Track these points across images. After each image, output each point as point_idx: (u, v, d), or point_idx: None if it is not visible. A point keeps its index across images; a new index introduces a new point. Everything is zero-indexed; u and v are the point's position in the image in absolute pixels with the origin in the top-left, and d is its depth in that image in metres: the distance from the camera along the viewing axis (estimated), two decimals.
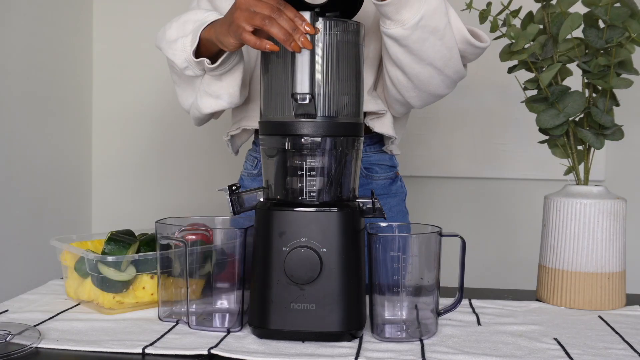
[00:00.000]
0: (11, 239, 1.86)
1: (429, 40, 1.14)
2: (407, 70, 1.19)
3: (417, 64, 1.17)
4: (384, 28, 1.14)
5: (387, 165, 1.41)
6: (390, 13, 1.11)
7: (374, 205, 0.96)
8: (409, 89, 1.23)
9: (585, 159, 1.19)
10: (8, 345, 0.86)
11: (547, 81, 1.13)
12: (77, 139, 2.24)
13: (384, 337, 0.93)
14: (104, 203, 2.34)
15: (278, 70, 0.95)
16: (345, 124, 0.95)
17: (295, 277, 0.90)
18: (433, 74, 1.19)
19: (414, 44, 1.14)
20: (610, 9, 1.11)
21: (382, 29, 1.15)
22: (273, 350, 0.88)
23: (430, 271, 0.94)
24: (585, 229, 1.12)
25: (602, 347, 0.92)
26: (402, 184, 1.46)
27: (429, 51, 1.15)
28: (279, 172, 0.96)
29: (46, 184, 2.04)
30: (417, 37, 1.13)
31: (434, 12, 1.12)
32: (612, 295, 1.13)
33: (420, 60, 1.17)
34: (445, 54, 1.17)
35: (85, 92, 2.28)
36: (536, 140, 1.28)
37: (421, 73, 1.19)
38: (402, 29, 1.12)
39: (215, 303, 0.99)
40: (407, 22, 1.11)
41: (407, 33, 1.12)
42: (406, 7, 1.10)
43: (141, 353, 0.86)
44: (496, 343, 0.92)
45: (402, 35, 1.13)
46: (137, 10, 2.28)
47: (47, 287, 1.20)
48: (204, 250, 0.98)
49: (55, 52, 2.07)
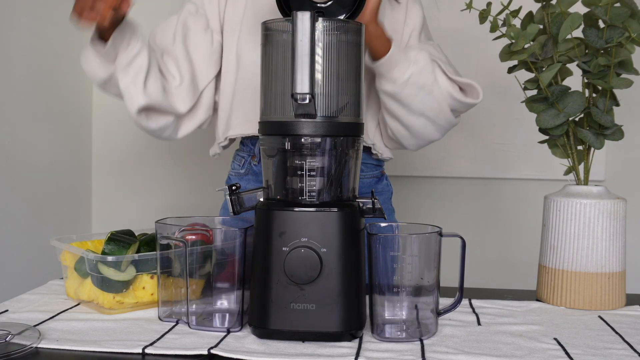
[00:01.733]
0: (11, 239, 1.86)
1: (418, 95, 1.27)
2: (403, 121, 1.31)
3: (411, 116, 1.30)
4: (379, 85, 1.29)
5: (372, 164, 1.44)
6: (383, 72, 1.26)
7: (374, 205, 0.96)
8: (407, 138, 1.35)
9: (585, 159, 1.19)
10: (8, 345, 0.86)
11: (547, 81, 1.13)
12: (77, 139, 2.24)
13: (384, 337, 0.93)
14: (104, 203, 2.34)
15: (278, 70, 0.95)
16: (345, 124, 0.95)
17: (295, 277, 0.90)
18: (426, 124, 1.31)
19: (406, 99, 1.27)
20: (610, 9, 1.11)
21: (378, 85, 1.29)
22: (273, 350, 0.88)
23: (430, 271, 0.94)
24: (585, 229, 1.12)
25: (602, 347, 0.92)
26: (387, 183, 1.48)
27: (419, 105, 1.28)
28: (279, 172, 0.95)
29: (46, 184, 2.04)
30: (408, 93, 1.26)
31: (420, 72, 1.25)
32: (612, 295, 1.13)
33: (412, 112, 1.29)
34: (435, 106, 1.29)
35: (85, 92, 2.28)
36: (536, 140, 1.28)
37: (415, 123, 1.31)
38: (394, 85, 1.26)
39: (215, 303, 0.99)
40: (398, 79, 1.25)
41: (399, 89, 1.26)
42: (397, 66, 1.24)
43: (141, 353, 0.86)
44: (496, 343, 0.92)
45: (394, 90, 1.27)
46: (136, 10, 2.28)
47: (47, 287, 1.20)
48: (204, 250, 0.98)
49: (55, 52, 2.07)
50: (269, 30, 0.97)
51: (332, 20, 0.94)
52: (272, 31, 0.96)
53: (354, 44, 0.96)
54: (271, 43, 0.96)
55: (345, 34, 0.95)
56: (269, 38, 0.96)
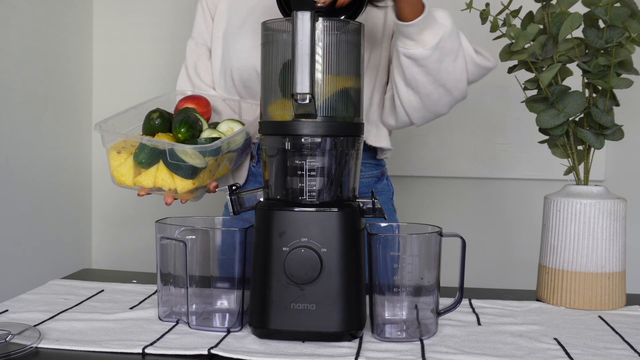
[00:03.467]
0: (11, 239, 1.86)
1: (445, 61, 1.20)
2: (420, 90, 1.24)
3: (431, 85, 1.24)
4: (405, 49, 1.19)
5: (372, 163, 1.44)
6: (413, 34, 1.17)
7: (374, 205, 0.96)
8: (418, 109, 1.29)
9: (585, 159, 1.19)
10: (8, 345, 0.86)
11: (547, 81, 1.13)
12: (77, 139, 2.24)
13: (384, 337, 0.93)
14: (104, 203, 2.34)
15: (278, 70, 0.95)
16: (345, 124, 0.95)
17: (296, 277, 0.90)
18: (442, 95, 1.26)
19: (433, 64, 1.20)
20: (610, 9, 1.11)
21: (402, 49, 1.19)
22: (273, 350, 0.88)
23: (430, 271, 0.94)
24: (585, 229, 1.12)
25: (602, 347, 0.92)
26: (388, 182, 1.48)
27: (443, 72, 1.22)
28: (279, 172, 0.95)
29: (46, 184, 2.04)
30: (436, 58, 1.19)
31: (450, 35, 1.19)
32: (612, 295, 1.13)
33: (434, 81, 1.23)
34: (457, 75, 1.24)
35: (85, 92, 2.28)
36: (536, 140, 1.28)
37: (433, 93, 1.25)
38: (423, 49, 1.18)
39: (215, 303, 0.99)
40: (428, 43, 1.17)
41: (428, 53, 1.18)
42: (427, 28, 1.16)
43: (141, 353, 0.86)
44: (496, 343, 0.92)
45: (423, 55, 1.18)
46: (136, 10, 2.28)
47: (47, 287, 1.19)
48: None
49: (55, 52, 2.07)
50: (269, 30, 0.97)
51: (332, 20, 0.94)
52: (272, 31, 0.96)
53: (354, 44, 0.96)
54: (271, 43, 0.96)
55: (345, 34, 0.95)
56: (269, 38, 0.96)
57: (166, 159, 1.12)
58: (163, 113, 1.21)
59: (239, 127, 1.22)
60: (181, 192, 1.14)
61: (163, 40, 2.26)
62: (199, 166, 1.12)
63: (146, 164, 1.14)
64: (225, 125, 1.22)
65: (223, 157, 1.17)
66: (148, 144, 1.12)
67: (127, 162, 1.15)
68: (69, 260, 2.15)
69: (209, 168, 1.14)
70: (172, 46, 2.23)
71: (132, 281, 1.25)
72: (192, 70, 1.43)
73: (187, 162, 1.10)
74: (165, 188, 1.14)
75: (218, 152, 1.12)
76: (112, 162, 1.16)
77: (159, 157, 1.13)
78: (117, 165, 1.15)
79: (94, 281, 1.24)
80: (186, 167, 1.12)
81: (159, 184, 1.14)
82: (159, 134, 1.19)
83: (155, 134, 1.19)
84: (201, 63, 1.43)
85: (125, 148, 1.15)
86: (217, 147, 1.11)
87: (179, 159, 1.10)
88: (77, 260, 2.22)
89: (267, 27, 0.97)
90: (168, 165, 1.12)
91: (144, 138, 1.13)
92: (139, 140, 1.13)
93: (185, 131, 1.15)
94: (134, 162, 1.15)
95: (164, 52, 2.26)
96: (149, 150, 1.13)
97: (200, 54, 1.44)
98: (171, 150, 1.10)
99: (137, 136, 1.14)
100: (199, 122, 1.19)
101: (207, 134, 1.17)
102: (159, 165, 1.14)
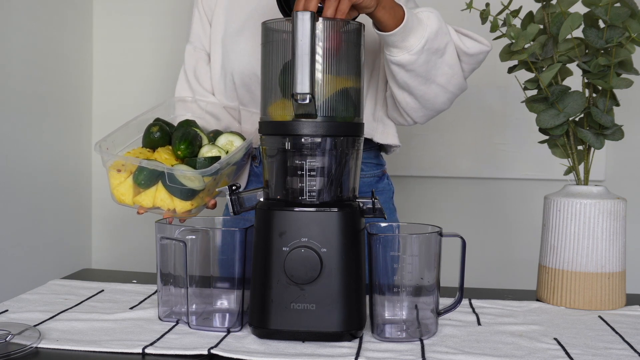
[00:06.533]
0: (11, 239, 1.86)
1: (431, 60, 1.18)
2: (414, 92, 1.24)
3: (423, 85, 1.22)
4: (390, 56, 1.18)
5: (373, 163, 1.43)
6: (396, 42, 1.15)
7: (374, 205, 0.96)
8: (417, 110, 1.29)
9: (585, 159, 1.19)
10: (8, 345, 0.86)
11: (547, 81, 1.13)
12: (77, 139, 2.24)
13: (384, 337, 0.93)
14: (104, 203, 2.34)
15: (278, 70, 0.95)
16: (345, 124, 0.95)
17: (296, 277, 0.90)
18: (438, 92, 1.24)
19: (420, 67, 1.18)
20: (610, 9, 1.11)
21: (388, 57, 1.18)
22: (273, 350, 0.88)
23: (430, 271, 0.94)
24: (585, 229, 1.12)
25: (602, 347, 0.92)
26: (389, 182, 1.48)
27: (432, 71, 1.20)
28: (279, 172, 0.95)
29: (46, 184, 2.04)
30: (424, 60, 1.18)
31: (436, 34, 1.17)
32: (612, 295, 1.13)
33: (425, 81, 1.21)
34: (448, 70, 1.21)
35: (85, 92, 2.28)
36: (536, 140, 1.28)
37: (427, 93, 1.24)
38: (408, 54, 1.16)
39: (215, 303, 0.99)
40: (414, 47, 1.15)
41: (414, 58, 1.17)
42: (412, 33, 1.14)
43: (141, 353, 0.86)
44: (496, 343, 0.92)
45: (409, 60, 1.17)
46: (136, 10, 2.28)
47: (47, 287, 1.19)
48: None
49: (55, 52, 2.07)
50: (269, 30, 0.97)
51: (332, 20, 0.94)
52: (272, 31, 0.96)
53: (354, 44, 0.96)
54: (271, 43, 0.96)
55: (345, 34, 0.95)
56: (269, 38, 0.96)
57: (165, 181, 1.12)
58: (163, 127, 1.21)
59: (238, 140, 1.22)
60: (180, 212, 1.15)
61: (163, 40, 2.26)
62: (198, 188, 1.13)
63: (145, 185, 1.14)
64: (225, 139, 1.22)
65: (222, 174, 1.18)
66: (147, 167, 1.12)
67: (127, 182, 1.15)
68: (69, 260, 2.15)
69: (207, 188, 1.15)
70: (172, 46, 2.23)
71: (132, 281, 1.25)
72: (191, 76, 1.43)
73: (186, 185, 1.11)
74: (164, 208, 1.14)
75: (217, 173, 1.12)
76: (112, 180, 1.16)
77: (158, 178, 1.14)
78: (117, 184, 1.15)
79: (94, 281, 1.24)
80: (185, 189, 1.13)
81: (158, 204, 1.15)
82: (159, 149, 1.19)
83: (156, 147, 1.19)
84: (200, 68, 1.43)
85: (125, 166, 1.15)
86: (216, 169, 1.12)
87: (178, 182, 1.11)
88: (77, 260, 2.22)
89: (267, 27, 0.97)
90: (167, 188, 1.13)
91: (143, 161, 1.13)
92: (137, 164, 1.13)
93: (185, 148, 1.16)
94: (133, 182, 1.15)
95: (164, 52, 2.26)
96: (148, 172, 1.13)
97: (199, 59, 1.44)
98: (170, 173, 1.11)
99: (136, 159, 1.14)
100: (199, 137, 1.19)
101: (206, 150, 1.17)
102: (158, 185, 1.15)
